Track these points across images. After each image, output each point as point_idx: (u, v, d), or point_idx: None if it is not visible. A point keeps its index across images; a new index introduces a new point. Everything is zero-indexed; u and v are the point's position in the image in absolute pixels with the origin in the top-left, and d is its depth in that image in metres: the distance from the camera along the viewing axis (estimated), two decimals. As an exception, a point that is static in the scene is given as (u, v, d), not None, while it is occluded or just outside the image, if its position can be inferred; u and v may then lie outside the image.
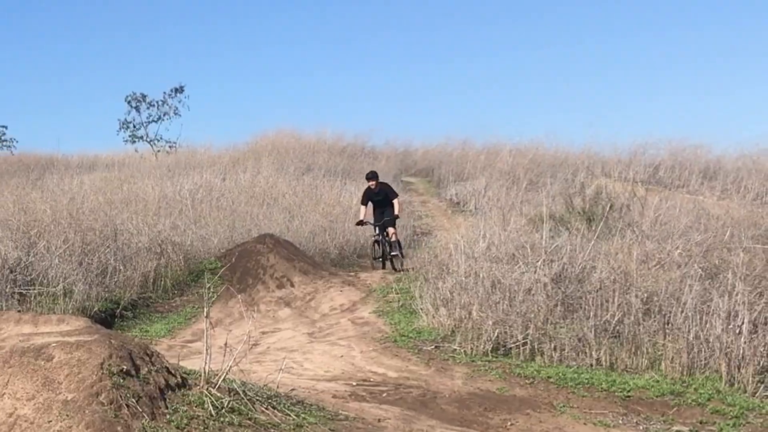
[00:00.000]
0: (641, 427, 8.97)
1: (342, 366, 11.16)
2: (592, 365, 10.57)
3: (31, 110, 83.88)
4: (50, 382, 7.07)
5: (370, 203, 19.37)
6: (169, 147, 38.29)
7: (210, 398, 7.48)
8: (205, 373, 7.82)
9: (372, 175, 19.71)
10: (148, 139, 39.09)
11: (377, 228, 19.02)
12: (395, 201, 19.19)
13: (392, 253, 18.78)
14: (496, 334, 11.29)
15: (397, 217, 19.16)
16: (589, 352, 10.71)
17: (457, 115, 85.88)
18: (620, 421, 9.11)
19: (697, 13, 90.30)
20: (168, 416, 7.12)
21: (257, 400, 7.82)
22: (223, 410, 7.39)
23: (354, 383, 10.30)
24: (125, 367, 7.34)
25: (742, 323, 10.05)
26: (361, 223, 19.33)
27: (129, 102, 39.13)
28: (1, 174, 30.70)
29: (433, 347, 11.66)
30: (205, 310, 9.27)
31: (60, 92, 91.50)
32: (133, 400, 7.04)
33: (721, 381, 9.77)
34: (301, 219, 20.74)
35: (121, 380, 7.17)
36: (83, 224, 17.53)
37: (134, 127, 39.12)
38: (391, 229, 18.88)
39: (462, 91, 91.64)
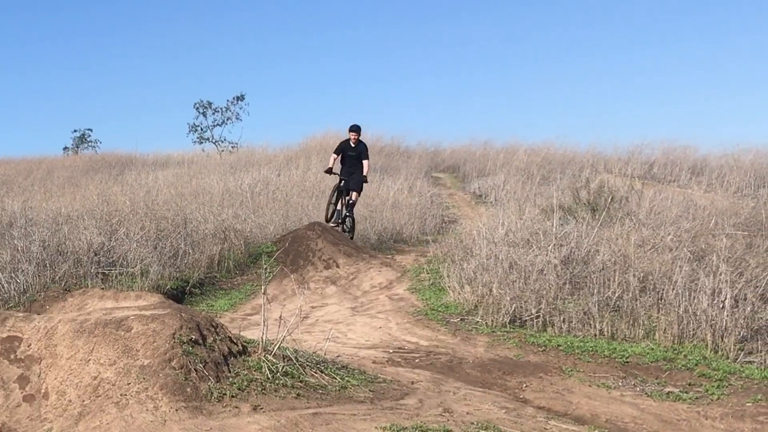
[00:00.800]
0: (638, 389, 8.94)
1: (380, 336, 11.15)
2: (595, 335, 10.51)
3: (113, 115, 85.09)
4: (129, 349, 7.11)
5: (341, 158, 17.78)
6: (232, 147, 38.39)
7: (267, 363, 7.50)
8: (262, 341, 7.84)
9: (355, 128, 17.83)
10: (214, 141, 39.24)
11: (342, 182, 17.61)
12: (365, 162, 17.66)
13: (345, 214, 17.69)
14: (513, 309, 11.25)
15: (364, 179, 17.68)
16: (593, 323, 10.65)
17: (480, 119, 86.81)
18: (620, 383, 9.10)
19: (684, 31, 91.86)
20: (231, 379, 7.14)
21: (307, 365, 7.83)
22: (278, 374, 7.41)
23: (391, 350, 10.29)
24: (194, 337, 7.38)
25: (725, 299, 10.02)
26: (329, 171, 17.71)
27: (197, 108, 39.31)
28: (87, 170, 30.90)
29: (459, 320, 11.63)
30: (263, 287, 9.30)
31: (138, 99, 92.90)
32: (201, 365, 7.07)
33: (707, 349, 9.72)
34: (345, 209, 20.75)
35: (191, 348, 7.20)
36: (157, 214, 17.64)
37: (201, 130, 39.29)
38: (354, 194, 17.58)
39: (484, 98, 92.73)
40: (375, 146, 33.07)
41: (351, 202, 17.61)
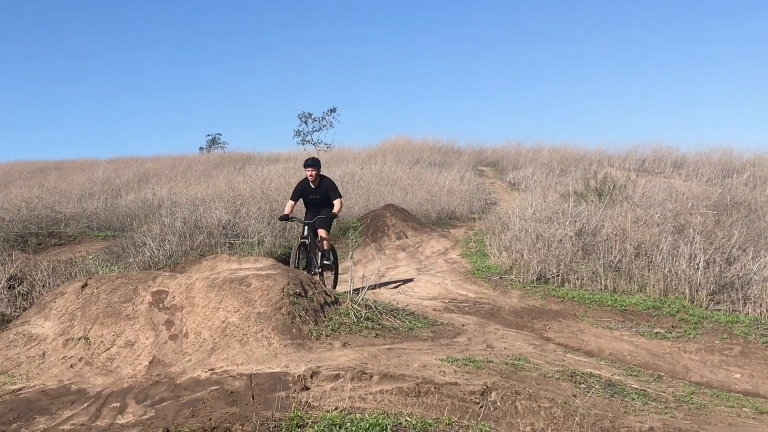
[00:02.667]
0: (633, 330, 9.04)
1: (438, 290, 11.13)
2: (601, 289, 10.56)
3: (238, 122, 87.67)
4: (249, 300, 7.18)
5: (300, 201, 10.68)
6: (326, 147, 38.36)
7: (353, 311, 7.52)
8: (350, 294, 7.88)
9: (312, 162, 10.52)
10: (313, 142, 39.19)
11: (305, 228, 10.14)
12: (337, 201, 10.36)
13: (324, 262, 10.18)
14: (539, 269, 11.22)
15: (334, 216, 10.29)
16: (599, 281, 10.71)
17: (514, 124, 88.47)
18: (620, 326, 9.20)
19: (666, 57, 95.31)
20: (326, 323, 7.18)
21: (384, 312, 7.84)
22: (362, 319, 7.42)
23: (446, 301, 10.27)
24: (298, 291, 7.42)
25: (699, 262, 10.12)
26: (285, 218, 10.42)
27: (300, 118, 39.18)
28: (217, 165, 31.23)
29: (498, 278, 11.56)
30: (350, 253, 9.33)
31: (257, 110, 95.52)
32: (303, 312, 7.11)
33: (686, 299, 9.81)
34: (412, 194, 20.62)
35: (295, 299, 7.25)
36: (270, 197, 17.81)
37: (304, 134, 39.23)
38: (322, 232, 10.14)
39: (518, 108, 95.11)
40: (435, 146, 32.95)
41: (323, 245, 10.23)
